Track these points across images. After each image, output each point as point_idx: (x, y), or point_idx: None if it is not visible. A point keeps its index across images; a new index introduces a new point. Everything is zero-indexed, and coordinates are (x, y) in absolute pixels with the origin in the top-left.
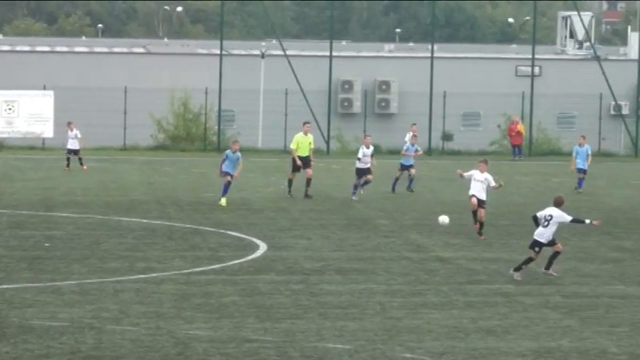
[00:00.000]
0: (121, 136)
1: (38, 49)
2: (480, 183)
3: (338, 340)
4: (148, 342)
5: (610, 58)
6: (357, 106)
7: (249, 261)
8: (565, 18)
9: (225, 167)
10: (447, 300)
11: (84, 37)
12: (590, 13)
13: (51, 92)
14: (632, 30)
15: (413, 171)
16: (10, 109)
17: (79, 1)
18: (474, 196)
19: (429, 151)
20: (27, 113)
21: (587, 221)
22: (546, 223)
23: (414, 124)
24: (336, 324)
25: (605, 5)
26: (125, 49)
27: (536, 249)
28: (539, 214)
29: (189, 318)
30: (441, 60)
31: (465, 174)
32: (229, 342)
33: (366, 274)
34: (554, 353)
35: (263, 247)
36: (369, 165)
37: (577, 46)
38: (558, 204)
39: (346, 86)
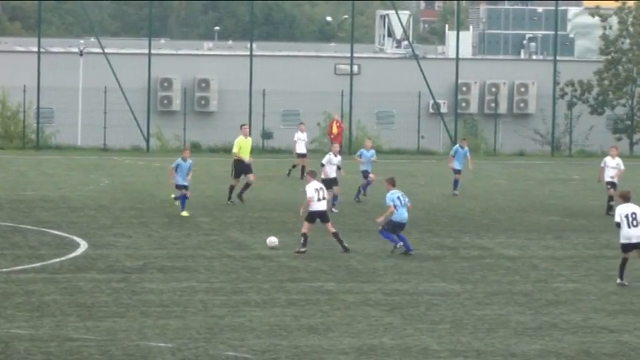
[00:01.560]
0: None
1: None
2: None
3: (160, 339)
4: None
5: (428, 56)
6: (177, 104)
7: (69, 259)
8: (383, 17)
9: (179, 178)
10: (268, 298)
11: None
12: (407, 12)
13: None
14: (449, 29)
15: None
16: None
17: None
18: None
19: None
20: None
21: None
22: (635, 222)
23: (302, 124)
24: (158, 322)
25: (422, 4)
26: None
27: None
28: (618, 218)
29: (10, 317)
30: (260, 58)
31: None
32: (51, 341)
33: (187, 272)
34: (376, 350)
35: (84, 245)
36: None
37: (395, 44)
38: (628, 198)
39: (165, 84)
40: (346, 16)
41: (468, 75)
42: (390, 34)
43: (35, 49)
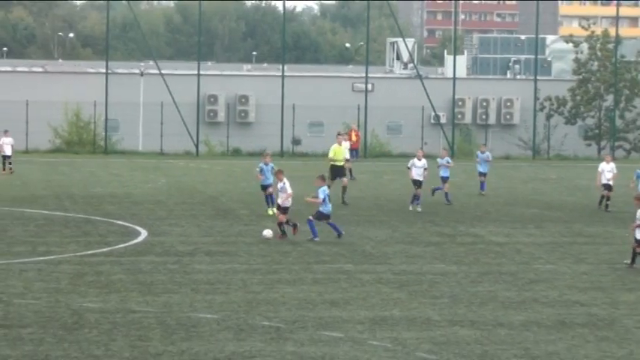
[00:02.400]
0: (23, 141)
1: None
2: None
3: (207, 311)
4: (49, 313)
5: (430, 76)
6: (222, 116)
7: (132, 245)
8: (393, 43)
9: (265, 180)
10: (297, 277)
11: None
12: (413, 40)
13: None
14: (447, 53)
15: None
16: None
17: None
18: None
19: (282, 153)
20: None
21: None
22: None
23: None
24: (206, 297)
25: (425, 33)
26: (26, 69)
27: None
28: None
29: (83, 293)
30: (290, 78)
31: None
32: (117, 312)
33: (230, 255)
34: (387, 321)
35: (144, 233)
36: (418, 178)
37: (403, 66)
38: None
39: (212, 99)
40: (362, 43)
41: (463, 92)
42: (399, 57)
43: (103, 70)
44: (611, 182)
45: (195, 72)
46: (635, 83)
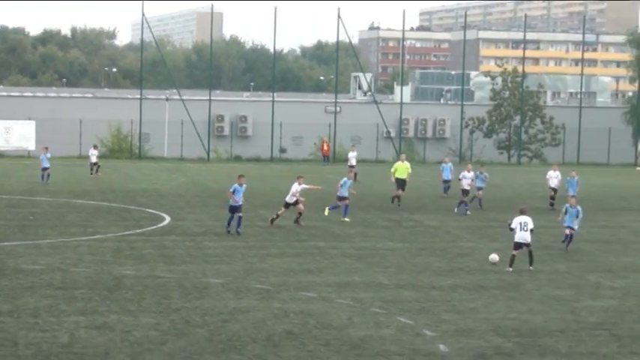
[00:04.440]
0: (77, 149)
1: (25, 94)
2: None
3: (215, 277)
4: (96, 278)
5: (383, 102)
6: (227, 131)
7: (159, 228)
8: (355, 77)
9: (234, 202)
10: (282, 252)
11: (54, 87)
12: (370, 74)
13: (33, 122)
14: (396, 84)
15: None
16: (7, 132)
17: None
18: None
19: (272, 159)
20: (18, 134)
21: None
22: (525, 227)
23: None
24: (214, 267)
25: (380, 69)
26: (80, 95)
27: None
28: (514, 225)
29: (121, 263)
30: (278, 102)
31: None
32: (147, 278)
33: (232, 235)
34: (349, 284)
35: (168, 219)
36: (467, 187)
37: (363, 94)
38: (524, 211)
39: (219, 118)
40: (332, 76)
41: (408, 113)
42: (360, 87)
43: (138, 96)
44: (556, 186)
45: (207, 97)
46: (536, 107)
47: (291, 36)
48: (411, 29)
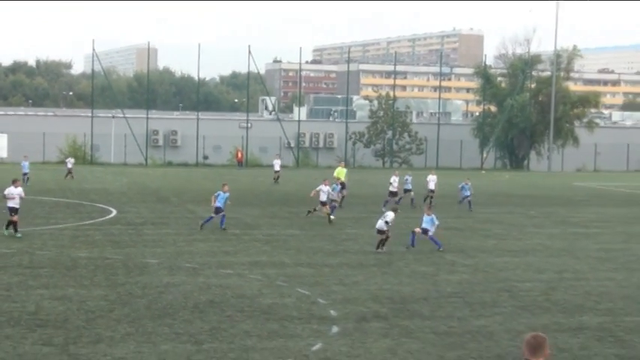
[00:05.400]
0: (42, 156)
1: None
2: None
3: (152, 258)
4: (57, 259)
5: (285, 119)
6: (160, 142)
7: (107, 219)
8: (263, 99)
9: (217, 202)
10: (206, 237)
11: (22, 107)
12: (275, 97)
13: (5, 135)
14: (295, 106)
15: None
16: None
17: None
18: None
19: (197, 164)
20: None
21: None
22: (383, 217)
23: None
24: (152, 250)
25: (282, 93)
26: (43, 113)
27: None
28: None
29: (78, 247)
30: (202, 120)
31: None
32: (98, 259)
33: (167, 225)
34: (258, 263)
35: (114, 212)
36: (395, 190)
37: (269, 113)
38: (395, 210)
39: (155, 131)
40: (244, 99)
41: (304, 128)
42: (267, 108)
43: (90, 114)
44: (434, 188)
45: (145, 116)
46: (404, 124)
47: (211, 67)
48: (307, 62)
